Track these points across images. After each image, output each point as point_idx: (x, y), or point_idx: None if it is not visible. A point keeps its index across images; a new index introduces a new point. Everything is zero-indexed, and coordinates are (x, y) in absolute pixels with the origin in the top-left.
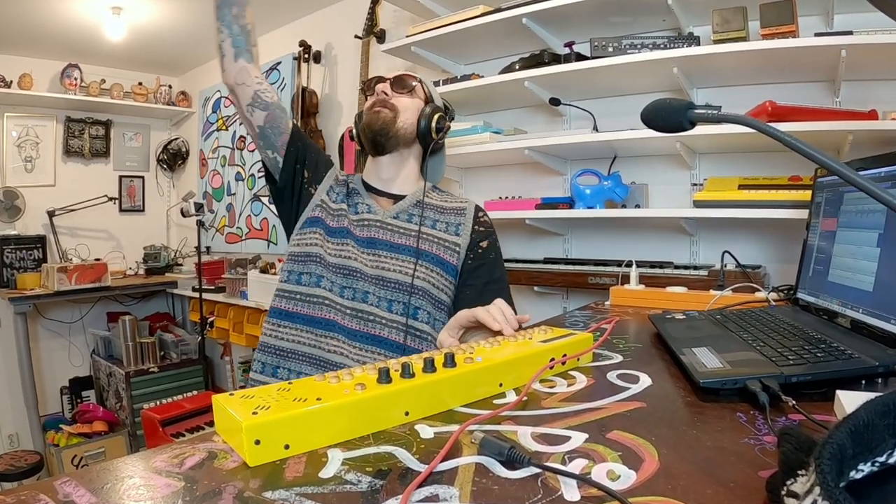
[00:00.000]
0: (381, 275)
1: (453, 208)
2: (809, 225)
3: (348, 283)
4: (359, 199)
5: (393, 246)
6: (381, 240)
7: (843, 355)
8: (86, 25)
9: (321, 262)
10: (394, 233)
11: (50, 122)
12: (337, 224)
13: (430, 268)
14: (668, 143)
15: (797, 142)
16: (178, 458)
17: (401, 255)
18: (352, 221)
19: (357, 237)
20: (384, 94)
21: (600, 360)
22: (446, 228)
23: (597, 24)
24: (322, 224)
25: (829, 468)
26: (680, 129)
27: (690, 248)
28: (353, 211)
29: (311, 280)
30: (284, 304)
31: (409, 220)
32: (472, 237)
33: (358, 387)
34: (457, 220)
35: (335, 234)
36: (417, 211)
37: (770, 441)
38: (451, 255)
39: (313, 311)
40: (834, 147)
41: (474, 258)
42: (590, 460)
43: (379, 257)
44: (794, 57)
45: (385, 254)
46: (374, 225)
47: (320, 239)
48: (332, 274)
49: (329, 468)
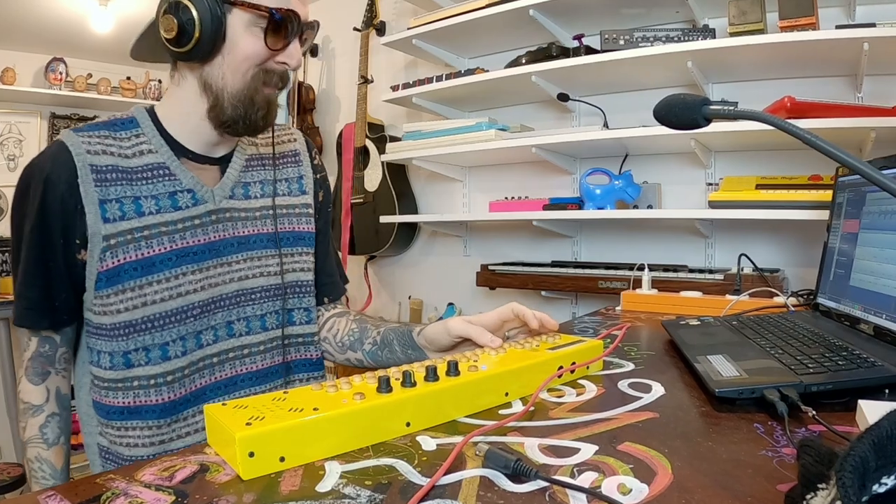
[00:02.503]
0: (241, 287)
1: (289, 154)
2: (830, 226)
3: (202, 324)
4: (169, 181)
5: (243, 242)
6: (224, 240)
7: (865, 363)
8: (71, 17)
9: (158, 320)
10: (236, 222)
11: (34, 119)
12: (154, 249)
13: (294, 251)
14: (682, 141)
15: (817, 139)
16: (168, 470)
17: (257, 250)
18: (173, 230)
19: (191, 249)
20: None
21: (611, 368)
22: (289, 188)
23: (607, 16)
24: (122, 270)
25: (851, 482)
26: (694, 125)
27: (705, 251)
28: (172, 206)
29: (157, 354)
30: (120, 398)
31: (250, 194)
32: (315, 189)
33: (357, 396)
34: (297, 170)
35: (157, 266)
36: (257, 175)
37: (789, 453)
38: (307, 222)
39: (172, 392)
40: (856, 145)
41: (320, 216)
42: (600, 473)
43: (230, 265)
44: (814, 50)
45: (236, 257)
46: (207, 221)
47: (137, 288)
48: (178, 325)
49: (326, 482)
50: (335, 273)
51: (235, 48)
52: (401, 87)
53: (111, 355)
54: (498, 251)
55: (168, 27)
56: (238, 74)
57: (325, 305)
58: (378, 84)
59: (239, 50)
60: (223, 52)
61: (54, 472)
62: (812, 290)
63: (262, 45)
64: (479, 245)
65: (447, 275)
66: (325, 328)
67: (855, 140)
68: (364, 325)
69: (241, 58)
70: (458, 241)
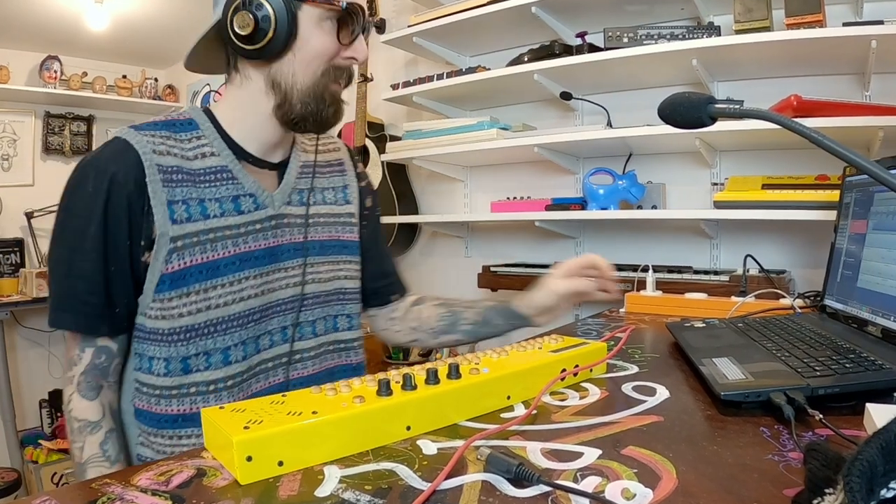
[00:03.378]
0: (296, 292)
1: (334, 163)
2: (837, 227)
3: (260, 328)
4: (233, 184)
5: (298, 248)
6: (282, 245)
7: (873, 366)
8: (66, 14)
9: (221, 324)
10: (293, 228)
11: (28, 118)
12: (219, 253)
13: (340, 258)
14: (686, 140)
15: (824, 138)
16: (164, 475)
17: (310, 256)
18: (237, 234)
19: (253, 254)
20: None
21: (615, 371)
22: (334, 196)
23: (611, 13)
24: (188, 273)
25: (858, 486)
26: (699, 124)
27: (710, 252)
28: (235, 209)
29: (218, 359)
30: (174, 405)
31: (304, 201)
32: (360, 197)
33: (356, 399)
34: (342, 179)
35: (221, 269)
36: (307, 183)
37: (795, 457)
38: (350, 231)
39: (232, 397)
40: (864, 144)
41: (368, 222)
42: (603, 478)
43: (286, 270)
44: (821, 48)
45: (292, 262)
46: (268, 226)
47: (201, 290)
48: (239, 329)
49: (326, 486)
50: (395, 271)
51: (307, 44)
52: (401, 86)
53: (167, 361)
54: (500, 252)
55: (243, 24)
56: (309, 71)
57: (397, 300)
58: (378, 82)
59: (310, 46)
60: (294, 49)
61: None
62: (819, 292)
63: (332, 41)
64: (480, 246)
65: (448, 276)
66: (410, 319)
67: (863, 139)
68: (452, 308)
69: (312, 54)
70: (459, 241)
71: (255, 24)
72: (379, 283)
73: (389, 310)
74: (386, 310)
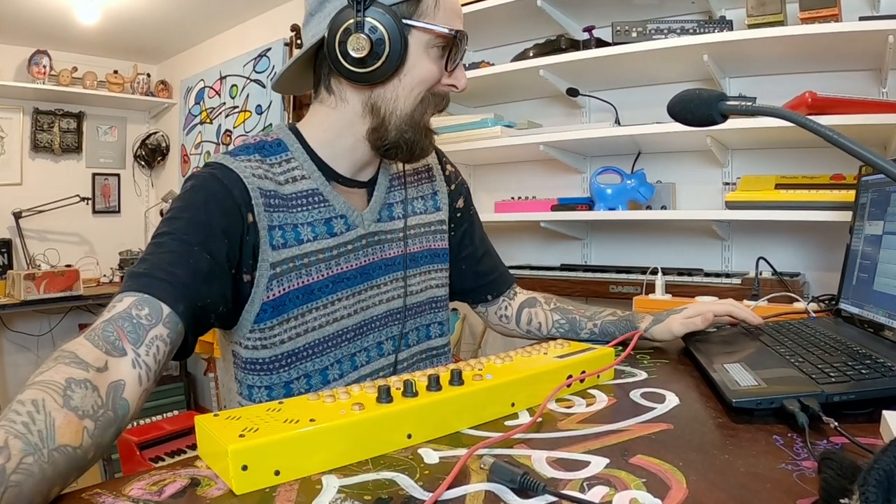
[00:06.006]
0: (389, 308)
1: (422, 170)
2: (853, 228)
3: (356, 346)
4: (324, 207)
5: (389, 264)
6: (373, 263)
7: (890, 372)
8: (56, 8)
9: (318, 346)
10: (384, 244)
11: (16, 115)
12: (313, 277)
13: (432, 268)
14: (697, 139)
15: (839, 137)
16: (157, 485)
17: (401, 271)
18: (329, 256)
19: (345, 275)
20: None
21: (622, 377)
22: (424, 205)
23: (619, 7)
24: (287, 299)
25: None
26: (710, 122)
27: (722, 254)
28: (328, 232)
29: (318, 380)
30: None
31: (393, 215)
32: (450, 201)
33: (355, 407)
34: (430, 186)
35: (316, 293)
36: (398, 196)
37: (810, 466)
38: (441, 238)
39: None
40: (880, 142)
41: (462, 220)
42: (611, 488)
43: (378, 287)
44: (836, 43)
45: (384, 279)
46: (359, 245)
47: (300, 316)
48: (335, 349)
49: (323, 497)
50: (499, 265)
51: (412, 70)
52: None
53: (269, 388)
54: (504, 254)
55: (358, 46)
56: (410, 97)
57: (502, 297)
58: None
59: (416, 72)
60: (400, 75)
61: (44, 439)
62: (834, 296)
63: (437, 68)
64: None
65: None
66: (523, 321)
67: (879, 137)
68: (570, 316)
69: (417, 80)
70: None
71: (370, 46)
72: (481, 280)
73: (497, 306)
74: (494, 307)
